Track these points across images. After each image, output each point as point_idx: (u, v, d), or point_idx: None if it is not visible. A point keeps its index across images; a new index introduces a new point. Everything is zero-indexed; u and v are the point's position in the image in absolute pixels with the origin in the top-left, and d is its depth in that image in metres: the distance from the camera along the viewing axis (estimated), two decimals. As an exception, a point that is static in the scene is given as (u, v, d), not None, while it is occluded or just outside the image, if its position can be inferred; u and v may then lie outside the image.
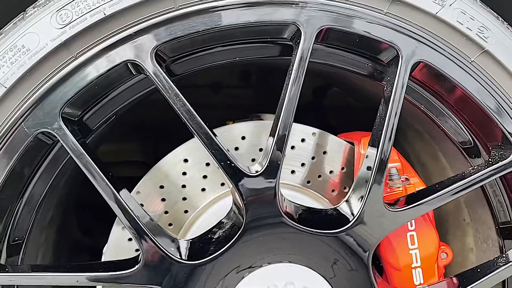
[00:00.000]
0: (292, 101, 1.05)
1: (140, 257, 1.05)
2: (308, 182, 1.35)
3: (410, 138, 1.57)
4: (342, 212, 1.11)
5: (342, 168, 1.35)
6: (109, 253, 1.30)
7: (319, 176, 1.35)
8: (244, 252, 1.07)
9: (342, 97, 1.97)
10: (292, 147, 1.30)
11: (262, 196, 1.06)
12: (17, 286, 1.15)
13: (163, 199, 1.30)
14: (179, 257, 1.05)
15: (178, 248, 1.08)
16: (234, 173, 1.05)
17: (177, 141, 1.38)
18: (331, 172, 1.35)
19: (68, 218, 1.70)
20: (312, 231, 1.08)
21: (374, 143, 1.09)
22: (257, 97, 2.16)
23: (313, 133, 1.34)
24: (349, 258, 1.09)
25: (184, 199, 1.31)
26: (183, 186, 1.30)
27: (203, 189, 1.31)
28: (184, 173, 1.30)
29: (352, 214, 1.08)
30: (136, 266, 1.03)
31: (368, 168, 1.08)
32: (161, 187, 1.30)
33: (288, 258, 1.09)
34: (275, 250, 1.09)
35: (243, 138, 1.31)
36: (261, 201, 1.06)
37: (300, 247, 1.09)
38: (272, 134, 1.08)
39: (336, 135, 1.36)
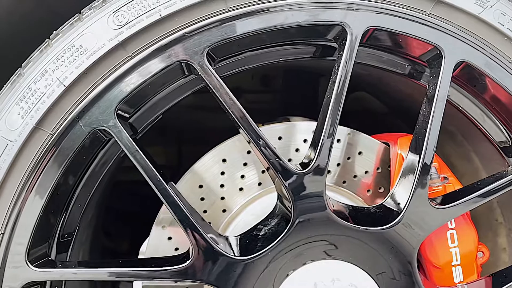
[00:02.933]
0: (338, 100, 1.08)
1: (190, 253, 1.07)
2: (344, 182, 1.36)
3: (441, 140, 1.59)
4: (388, 209, 1.13)
5: (377, 169, 1.37)
6: (149, 252, 1.32)
7: (355, 176, 1.37)
8: (292, 248, 1.09)
9: (363, 101, 2.00)
10: (329, 148, 1.33)
11: (310, 194, 1.08)
12: (65, 282, 1.17)
13: (202, 198, 1.32)
14: (231, 253, 1.07)
15: (228, 245, 1.10)
16: (284, 171, 1.07)
17: (200, 144, 1.41)
18: (366, 172, 1.37)
19: (101, 220, 1.72)
20: (359, 227, 1.10)
21: (418, 141, 1.11)
22: (280, 100, 2.19)
23: (349, 133, 1.36)
24: (395, 256, 1.11)
25: (223, 198, 1.33)
26: (222, 185, 1.32)
27: (241, 189, 1.33)
28: (223, 173, 1.32)
29: (399, 211, 1.10)
30: (187, 262, 1.05)
31: (412, 164, 1.10)
32: (200, 186, 1.32)
33: (335, 255, 1.11)
34: (321, 246, 1.10)
35: (279, 138, 1.34)
36: (309, 198, 1.08)
37: (347, 244, 1.10)
38: (317, 133, 1.10)
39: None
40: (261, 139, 1.07)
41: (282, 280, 1.09)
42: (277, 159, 1.07)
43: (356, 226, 1.10)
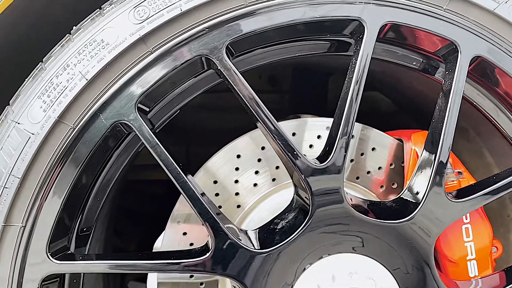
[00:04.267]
0: (355, 95, 1.09)
1: (209, 246, 1.08)
2: (357, 178, 1.37)
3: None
4: (406, 203, 1.13)
5: (391, 165, 1.38)
6: (164, 247, 1.33)
7: (368, 172, 1.37)
8: (310, 241, 1.10)
9: (372, 99, 2.01)
10: (342, 144, 1.34)
11: (328, 188, 1.09)
12: (83, 276, 1.18)
13: (217, 194, 1.33)
14: (250, 246, 1.08)
15: (247, 238, 1.11)
16: (302, 165, 1.08)
17: (209, 144, 1.42)
18: (379, 168, 1.38)
19: (114, 217, 1.73)
20: (376, 221, 1.10)
21: (434, 135, 1.12)
22: (288, 100, 2.20)
23: (362, 130, 1.37)
24: (413, 249, 1.11)
25: (237, 194, 1.34)
26: (236, 181, 1.33)
27: (255, 184, 1.34)
28: (237, 169, 1.33)
29: (416, 203, 1.11)
30: (206, 254, 1.06)
31: (430, 156, 1.11)
32: (215, 182, 1.33)
33: (352, 249, 1.12)
34: (339, 240, 1.11)
35: (293, 134, 1.35)
36: (327, 192, 1.08)
37: (365, 238, 1.11)
38: (335, 127, 1.11)
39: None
40: (279, 134, 1.08)
41: (300, 273, 1.10)
42: (295, 153, 1.08)
43: (374, 219, 1.10)
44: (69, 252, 1.09)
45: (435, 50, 1.18)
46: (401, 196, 1.16)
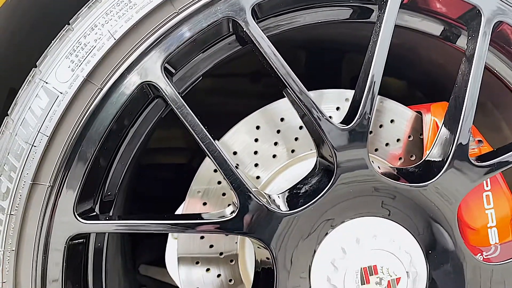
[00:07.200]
0: (379, 58, 1.09)
1: (234, 207, 1.09)
2: (376, 150, 1.38)
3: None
4: (430, 165, 1.14)
5: (409, 137, 1.39)
6: (185, 216, 1.33)
7: (387, 144, 1.38)
8: (334, 204, 1.10)
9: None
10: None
11: (353, 151, 1.09)
12: (107, 240, 1.19)
13: (237, 165, 1.33)
14: (275, 208, 1.08)
15: (271, 201, 1.12)
16: (328, 127, 1.08)
17: (218, 128, 1.42)
18: (398, 140, 1.38)
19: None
20: (401, 183, 1.11)
21: (457, 99, 1.13)
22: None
23: (381, 102, 1.37)
24: (436, 213, 1.12)
25: (256, 165, 1.34)
26: (255, 152, 1.34)
27: (274, 156, 1.35)
28: (256, 140, 1.34)
29: (440, 167, 1.11)
30: (232, 215, 1.07)
31: (454, 120, 1.12)
32: (235, 153, 1.34)
33: (376, 212, 1.12)
34: (363, 203, 1.12)
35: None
36: (352, 156, 1.09)
37: (389, 201, 1.12)
38: (359, 90, 1.12)
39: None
40: (306, 97, 1.08)
41: (324, 235, 1.11)
42: (322, 115, 1.09)
43: (399, 182, 1.11)
44: (95, 213, 1.09)
45: (457, 17, 1.19)
46: (426, 159, 1.16)
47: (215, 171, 1.31)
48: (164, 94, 1.03)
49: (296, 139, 1.35)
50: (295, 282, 1.11)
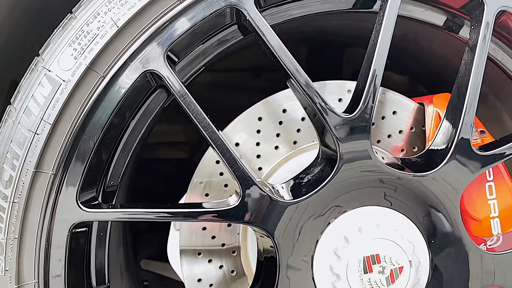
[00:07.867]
0: (382, 47, 1.09)
1: (236, 196, 1.09)
2: (378, 141, 1.38)
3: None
4: (433, 154, 1.14)
5: (411, 128, 1.39)
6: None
7: (389, 136, 1.38)
8: (337, 193, 1.11)
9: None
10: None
11: (356, 140, 1.09)
12: (110, 229, 1.18)
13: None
14: (277, 197, 1.08)
15: (274, 190, 1.12)
16: (331, 116, 1.08)
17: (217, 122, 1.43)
18: (400, 131, 1.38)
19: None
20: (404, 173, 1.11)
21: (460, 88, 1.13)
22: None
23: (383, 93, 1.37)
24: (439, 202, 1.12)
25: (258, 156, 1.34)
26: (257, 144, 1.34)
27: (276, 147, 1.35)
28: (258, 131, 1.34)
29: (443, 156, 1.11)
30: (235, 204, 1.07)
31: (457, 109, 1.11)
32: (237, 144, 1.34)
33: (378, 202, 1.12)
34: (366, 193, 1.12)
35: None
36: (355, 145, 1.09)
37: (391, 191, 1.12)
38: (362, 80, 1.12)
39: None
40: (309, 86, 1.09)
41: (327, 224, 1.11)
42: (325, 104, 1.09)
43: (402, 172, 1.11)
44: (98, 202, 1.09)
45: (460, 6, 1.19)
46: (429, 149, 1.16)
47: (217, 162, 1.31)
48: (166, 82, 1.03)
49: (298, 130, 1.34)
50: (298, 272, 1.11)
